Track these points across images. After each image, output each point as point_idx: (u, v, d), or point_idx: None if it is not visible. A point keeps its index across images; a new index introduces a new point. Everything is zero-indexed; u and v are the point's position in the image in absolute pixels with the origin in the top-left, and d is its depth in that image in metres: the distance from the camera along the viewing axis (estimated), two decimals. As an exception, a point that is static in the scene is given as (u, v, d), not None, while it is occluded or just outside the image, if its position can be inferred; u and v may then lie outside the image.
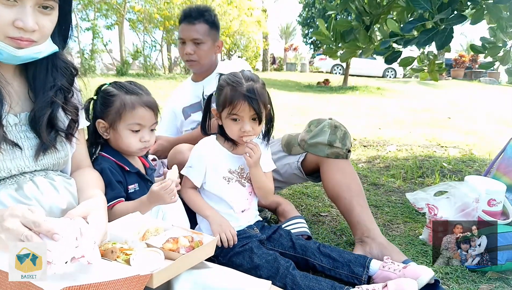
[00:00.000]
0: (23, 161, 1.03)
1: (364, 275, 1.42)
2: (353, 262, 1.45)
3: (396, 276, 1.37)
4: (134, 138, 1.36)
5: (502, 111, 8.19)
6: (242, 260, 1.44)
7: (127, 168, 1.38)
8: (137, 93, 1.37)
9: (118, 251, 0.96)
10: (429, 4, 2.06)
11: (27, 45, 0.96)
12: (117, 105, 1.34)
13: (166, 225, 1.15)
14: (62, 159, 1.13)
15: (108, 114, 1.35)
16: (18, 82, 1.08)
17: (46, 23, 0.97)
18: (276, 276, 1.35)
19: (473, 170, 3.25)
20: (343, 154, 1.77)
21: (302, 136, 1.87)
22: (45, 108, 1.06)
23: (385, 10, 2.59)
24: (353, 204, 1.72)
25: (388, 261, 1.45)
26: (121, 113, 1.34)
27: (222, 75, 1.56)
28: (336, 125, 1.80)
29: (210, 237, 1.09)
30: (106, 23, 14.00)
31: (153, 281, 0.89)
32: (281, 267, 1.37)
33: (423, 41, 2.19)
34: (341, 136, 1.77)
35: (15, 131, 1.04)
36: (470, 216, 1.80)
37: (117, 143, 1.38)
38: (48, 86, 1.08)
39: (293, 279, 1.34)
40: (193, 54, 2.07)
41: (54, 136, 1.09)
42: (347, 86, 13.13)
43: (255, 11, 15.46)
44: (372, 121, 5.97)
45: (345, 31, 2.69)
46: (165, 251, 1.00)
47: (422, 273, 1.35)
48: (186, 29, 2.08)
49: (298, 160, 1.88)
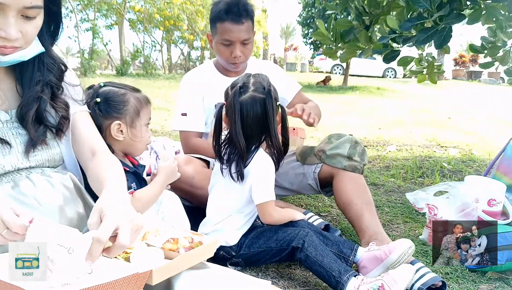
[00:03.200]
0: (16, 157, 1.03)
1: (351, 256, 1.49)
2: (342, 243, 1.53)
3: (380, 251, 1.45)
4: (148, 133, 1.41)
5: (502, 111, 8.19)
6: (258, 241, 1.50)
7: (126, 168, 1.36)
8: (139, 90, 1.41)
9: None
10: (428, 2, 2.06)
11: (12, 52, 0.95)
12: (132, 102, 1.35)
13: (167, 226, 1.16)
14: (58, 155, 1.12)
15: (125, 113, 1.34)
16: (7, 79, 1.07)
17: (29, 29, 0.96)
18: (295, 237, 1.44)
19: (473, 170, 3.25)
20: (360, 169, 1.80)
21: (321, 147, 1.88)
22: (32, 102, 1.05)
23: (385, 10, 2.59)
24: (363, 210, 1.73)
25: (373, 245, 1.52)
26: (139, 109, 1.36)
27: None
28: (356, 141, 1.84)
29: (210, 238, 1.09)
30: (106, 23, 14.03)
31: (153, 279, 0.89)
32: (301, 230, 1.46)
33: (421, 39, 2.18)
34: (360, 151, 1.81)
35: (6, 128, 1.03)
36: (470, 216, 1.80)
37: (131, 143, 1.38)
38: (35, 81, 1.07)
39: (311, 239, 1.43)
40: (242, 55, 1.93)
41: (42, 131, 1.07)
42: (347, 86, 13.13)
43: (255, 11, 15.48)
44: (372, 121, 5.96)
45: (344, 31, 2.69)
46: (165, 250, 1.00)
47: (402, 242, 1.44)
48: (234, 30, 1.86)
49: (315, 170, 1.88)
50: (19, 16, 0.93)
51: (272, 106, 1.42)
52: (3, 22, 0.91)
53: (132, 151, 1.40)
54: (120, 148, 1.38)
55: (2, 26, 0.91)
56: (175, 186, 1.49)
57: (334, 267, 1.35)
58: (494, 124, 6.29)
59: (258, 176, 1.45)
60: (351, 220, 1.79)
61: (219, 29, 1.89)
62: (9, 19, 0.91)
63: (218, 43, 1.92)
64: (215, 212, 1.53)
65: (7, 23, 0.91)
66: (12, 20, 0.91)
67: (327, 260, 1.38)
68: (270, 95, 1.43)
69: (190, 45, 14.71)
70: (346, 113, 6.85)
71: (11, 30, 0.91)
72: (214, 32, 1.94)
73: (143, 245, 1.02)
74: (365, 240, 1.68)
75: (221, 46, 1.92)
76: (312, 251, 1.39)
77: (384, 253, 1.44)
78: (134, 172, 1.40)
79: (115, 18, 13.94)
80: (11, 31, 0.91)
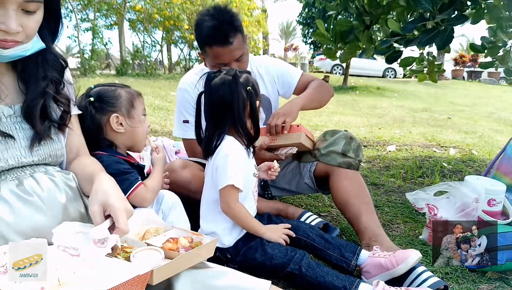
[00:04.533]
0: (19, 151, 1.04)
1: (353, 261, 1.46)
2: (345, 247, 1.49)
3: (386, 260, 1.42)
4: (145, 124, 1.44)
5: (502, 111, 8.19)
6: (254, 253, 1.44)
7: (132, 160, 1.41)
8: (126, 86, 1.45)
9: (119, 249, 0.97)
10: (430, 4, 2.06)
11: (13, 46, 0.96)
12: (125, 95, 1.39)
13: (167, 226, 1.16)
14: (59, 150, 1.14)
15: (120, 106, 1.37)
16: (8, 75, 1.08)
17: (30, 23, 0.97)
18: (291, 261, 1.38)
19: (473, 170, 3.25)
20: (355, 165, 1.79)
21: (316, 144, 1.88)
22: (38, 98, 1.07)
23: (385, 10, 2.59)
24: (361, 210, 1.72)
25: (377, 249, 1.50)
26: (132, 101, 1.40)
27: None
28: (351, 136, 1.83)
29: (210, 238, 1.09)
30: (106, 23, 14.02)
31: (153, 278, 0.90)
32: (297, 253, 1.40)
33: (424, 41, 2.19)
34: (355, 147, 1.80)
35: (10, 122, 1.04)
36: (470, 216, 1.80)
37: (132, 134, 1.40)
38: (40, 77, 1.08)
39: (308, 262, 1.37)
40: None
41: (48, 126, 1.10)
42: (347, 86, 13.13)
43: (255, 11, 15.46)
44: (372, 121, 5.96)
45: (345, 31, 2.69)
46: (165, 250, 1.00)
47: (410, 254, 1.42)
48: (225, 53, 1.76)
49: (310, 169, 1.88)
50: (19, 10, 0.94)
51: (238, 89, 1.40)
52: (3, 15, 0.92)
53: (134, 144, 1.43)
54: (123, 141, 1.40)
55: (2, 19, 0.92)
56: (172, 190, 1.49)
57: (337, 284, 1.32)
58: (494, 124, 6.29)
59: (219, 158, 1.42)
60: (349, 220, 1.79)
61: (209, 54, 1.81)
62: (9, 11, 0.92)
63: (211, 66, 1.85)
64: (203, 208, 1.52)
65: (7, 16, 0.92)
66: (12, 13, 0.92)
67: (329, 279, 1.33)
68: (237, 79, 1.42)
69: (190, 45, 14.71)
70: (346, 113, 6.85)
71: (11, 23, 0.92)
72: (205, 54, 1.86)
73: (144, 245, 1.02)
74: (365, 242, 1.68)
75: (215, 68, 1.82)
76: (312, 275, 1.35)
77: (391, 262, 1.42)
78: (138, 166, 1.43)
79: (115, 18, 13.93)
80: (12, 24, 0.92)
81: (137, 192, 1.29)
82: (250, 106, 1.44)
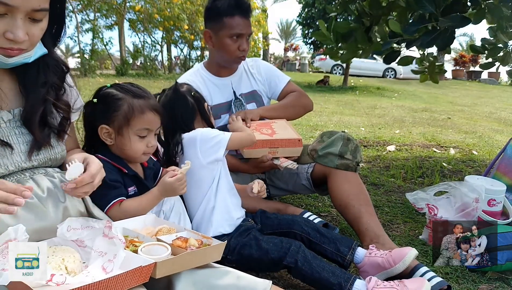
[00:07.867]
0: (20, 156, 1.03)
1: (348, 256, 1.46)
2: (340, 241, 1.50)
3: (383, 259, 1.43)
4: (141, 143, 1.29)
5: (502, 111, 8.19)
6: (250, 249, 1.43)
7: (125, 170, 1.32)
8: (144, 97, 1.30)
9: (127, 242, 1.00)
10: (433, 6, 2.05)
11: (17, 54, 0.96)
12: (124, 109, 1.26)
13: (179, 228, 1.19)
14: (60, 153, 1.13)
15: (113, 119, 1.26)
16: (8, 80, 1.07)
17: (36, 31, 0.96)
18: (287, 254, 1.37)
19: (473, 170, 3.25)
20: (352, 167, 1.78)
21: (313, 146, 1.88)
22: (37, 105, 1.06)
23: (385, 11, 2.59)
24: (361, 212, 1.72)
25: (373, 248, 1.50)
26: (129, 118, 1.26)
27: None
28: (348, 138, 1.82)
29: (218, 242, 1.10)
30: (106, 23, 14.03)
31: (156, 271, 0.91)
32: (292, 245, 1.39)
33: (425, 42, 2.19)
34: (352, 148, 1.79)
35: (9, 127, 1.04)
36: (470, 216, 1.80)
37: (121, 149, 1.30)
38: (40, 83, 1.07)
39: (304, 256, 1.36)
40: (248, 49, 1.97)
41: (47, 133, 1.09)
42: (347, 86, 13.13)
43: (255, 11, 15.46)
44: (372, 121, 5.96)
45: (345, 33, 2.69)
46: (173, 247, 1.02)
47: (407, 252, 1.42)
48: (244, 24, 1.90)
49: (307, 170, 1.88)
50: (26, 19, 0.93)
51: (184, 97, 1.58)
52: (11, 24, 0.91)
53: (126, 158, 1.32)
54: (114, 150, 1.32)
55: (10, 28, 0.91)
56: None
57: (333, 280, 1.32)
58: (494, 124, 6.29)
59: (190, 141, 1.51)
60: (350, 222, 1.78)
61: (227, 24, 1.88)
62: (17, 21, 0.91)
63: (225, 37, 1.91)
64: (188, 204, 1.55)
65: (15, 25, 0.91)
66: (20, 22, 0.92)
67: (324, 275, 1.33)
68: (179, 89, 1.60)
69: (190, 45, 14.71)
70: (346, 113, 6.85)
71: (19, 32, 0.91)
72: (218, 27, 1.91)
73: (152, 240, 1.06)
74: (366, 244, 1.67)
75: (228, 41, 1.91)
76: (307, 269, 1.35)
77: (388, 262, 1.42)
78: (134, 175, 1.34)
79: (115, 18, 13.93)
80: (19, 33, 0.91)
81: (110, 211, 1.22)
82: (199, 109, 1.59)
